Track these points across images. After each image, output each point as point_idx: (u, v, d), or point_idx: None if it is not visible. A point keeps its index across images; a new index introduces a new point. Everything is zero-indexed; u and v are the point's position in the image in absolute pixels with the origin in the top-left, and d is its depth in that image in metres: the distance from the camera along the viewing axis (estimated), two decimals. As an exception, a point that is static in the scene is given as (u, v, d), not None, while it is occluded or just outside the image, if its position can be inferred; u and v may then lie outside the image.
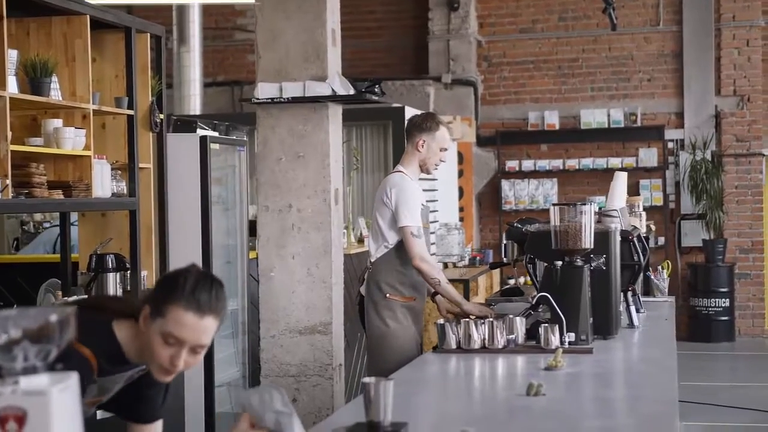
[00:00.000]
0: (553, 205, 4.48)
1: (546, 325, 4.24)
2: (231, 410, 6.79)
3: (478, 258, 10.92)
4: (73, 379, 1.81)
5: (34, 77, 4.85)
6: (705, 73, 12.71)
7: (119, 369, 2.73)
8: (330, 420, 2.91)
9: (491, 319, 4.33)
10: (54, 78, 4.97)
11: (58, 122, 5.07)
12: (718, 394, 9.36)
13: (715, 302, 12.35)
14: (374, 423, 2.72)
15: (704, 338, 12.31)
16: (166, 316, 2.60)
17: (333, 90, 5.76)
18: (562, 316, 4.27)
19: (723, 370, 11.18)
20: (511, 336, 4.30)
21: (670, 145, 12.84)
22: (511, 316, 4.39)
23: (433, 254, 9.91)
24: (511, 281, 11.86)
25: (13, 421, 1.72)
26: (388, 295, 5.21)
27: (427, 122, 5.36)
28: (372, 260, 5.32)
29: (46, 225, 8.48)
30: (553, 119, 12.98)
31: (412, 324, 5.26)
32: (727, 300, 12.37)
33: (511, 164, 13.04)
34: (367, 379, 2.74)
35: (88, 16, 5.23)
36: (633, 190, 12.34)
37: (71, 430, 1.78)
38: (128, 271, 5.62)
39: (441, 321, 4.39)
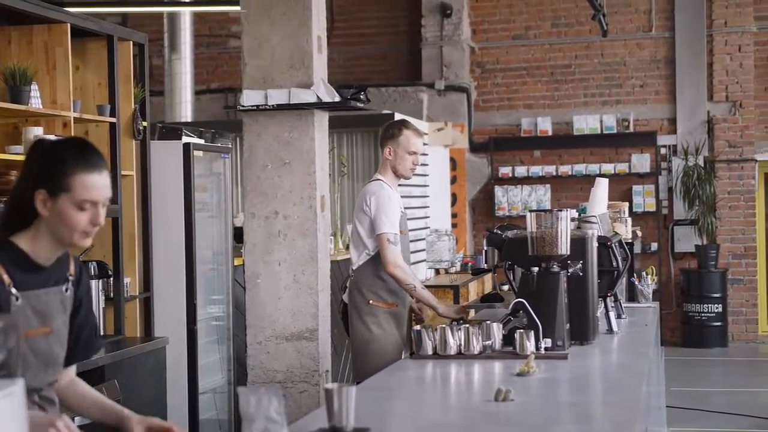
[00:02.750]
0: (530, 211, 4.50)
1: (521, 331, 4.24)
2: (216, 417, 6.79)
3: (470, 264, 10.93)
4: (17, 386, 1.82)
5: (13, 85, 4.86)
6: (697, 79, 12.73)
7: (36, 279, 2.76)
8: (294, 427, 2.92)
9: (467, 325, 4.34)
10: (34, 86, 4.99)
11: (38, 130, 5.09)
12: (711, 400, 9.36)
13: (708, 308, 12.35)
14: (337, 428, 2.74)
15: (697, 344, 12.31)
16: (71, 190, 2.69)
17: (318, 97, 5.77)
18: (538, 322, 4.28)
19: (716, 375, 11.18)
20: (487, 342, 4.30)
21: (663, 150, 12.85)
22: (488, 321, 4.40)
23: (423, 260, 9.95)
24: (505, 287, 11.84)
25: (-46, 427, 1.74)
26: (371, 301, 5.30)
27: (390, 129, 5.46)
28: (354, 267, 5.41)
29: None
30: (546, 125, 13.00)
31: (395, 329, 5.34)
32: (720, 305, 12.37)
33: (504, 170, 13.06)
34: (328, 386, 2.76)
35: (68, 25, 5.25)
36: (625, 196, 12.36)
37: (14, 437, 1.79)
38: (111, 278, 5.64)
39: (417, 327, 4.40)
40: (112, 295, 5.67)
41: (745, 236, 12.72)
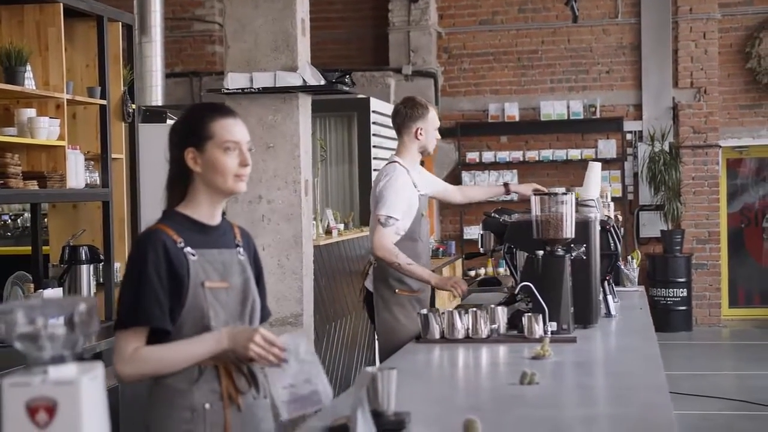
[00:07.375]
0: (535, 194, 4.49)
1: (529, 314, 4.25)
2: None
3: (441, 249, 10.95)
4: (99, 369, 1.79)
5: (8, 66, 4.77)
6: (663, 65, 12.83)
7: (207, 239, 2.88)
8: (328, 410, 2.89)
9: (475, 309, 4.33)
10: (28, 67, 4.90)
11: (31, 112, 5.00)
12: (677, 383, 9.46)
13: (673, 292, 12.49)
14: (378, 412, 2.72)
15: (662, 328, 12.39)
16: (214, 135, 2.86)
17: (304, 80, 5.73)
18: (544, 305, 4.29)
19: (681, 359, 11.30)
20: (493, 326, 4.31)
21: (629, 136, 12.96)
22: (493, 305, 4.40)
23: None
24: (472, 272, 11.89)
25: (44, 411, 1.70)
26: (397, 290, 5.18)
27: (417, 110, 5.37)
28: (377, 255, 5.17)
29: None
30: (513, 111, 13.03)
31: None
32: (685, 290, 12.52)
33: (472, 156, 13.08)
34: (371, 369, 2.73)
35: (61, 5, 5.15)
36: (592, 182, 12.42)
37: (100, 419, 1.76)
38: (102, 263, 5.55)
39: (424, 311, 4.39)
40: (102, 280, 5.59)
41: (709, 221, 12.87)
